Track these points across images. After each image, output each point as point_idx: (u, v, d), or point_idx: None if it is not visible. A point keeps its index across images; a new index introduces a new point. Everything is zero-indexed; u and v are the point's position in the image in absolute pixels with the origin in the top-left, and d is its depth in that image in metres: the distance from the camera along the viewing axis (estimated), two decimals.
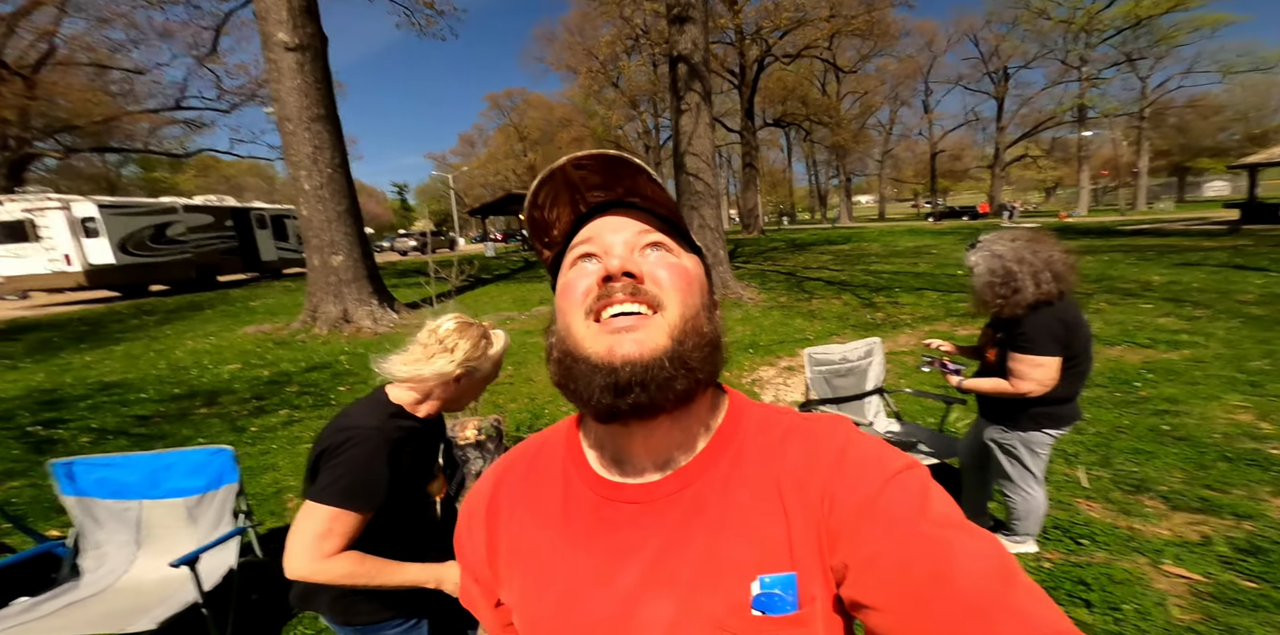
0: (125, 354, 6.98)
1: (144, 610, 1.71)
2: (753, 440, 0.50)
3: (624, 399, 0.43)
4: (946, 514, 0.42)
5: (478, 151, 57.40)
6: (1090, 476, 2.76)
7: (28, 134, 19.80)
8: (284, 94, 7.01)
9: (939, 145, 45.96)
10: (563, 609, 0.48)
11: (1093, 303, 6.82)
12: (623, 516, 0.49)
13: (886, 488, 0.43)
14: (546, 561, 0.51)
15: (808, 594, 0.43)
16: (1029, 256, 1.85)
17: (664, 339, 0.44)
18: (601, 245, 0.48)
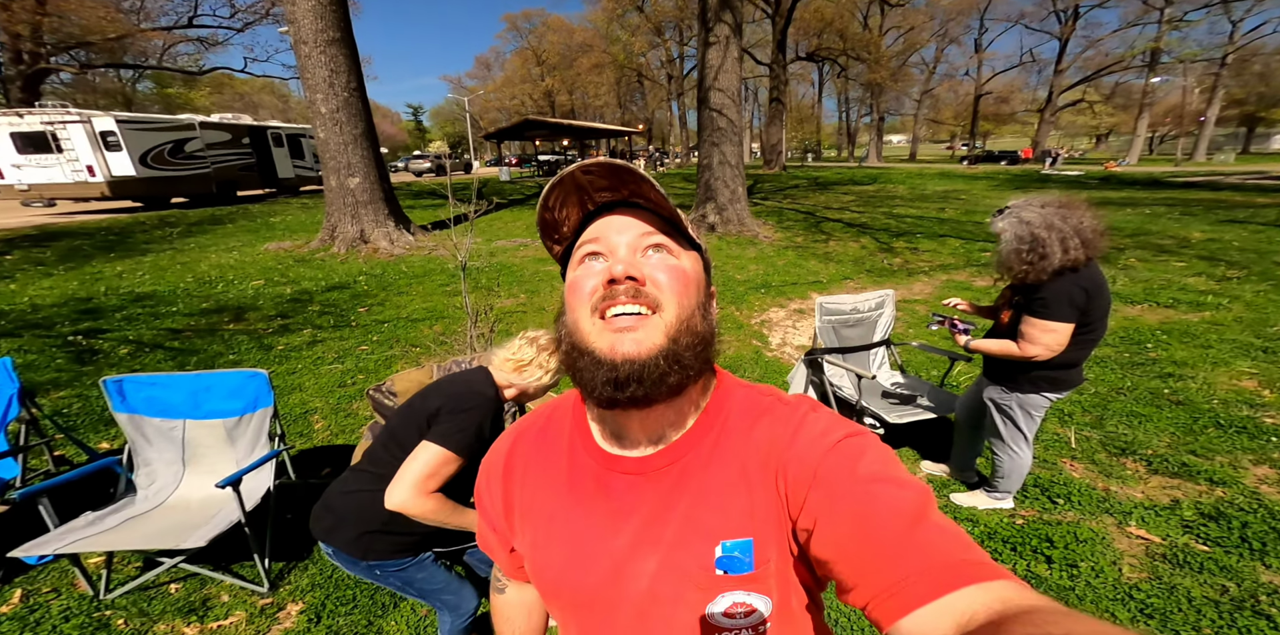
0: (153, 265, 7.10)
1: (194, 528, 1.82)
2: (734, 420, 0.55)
3: (623, 392, 0.47)
4: (875, 471, 0.46)
5: (494, 75, 54.49)
6: (1079, 437, 2.78)
7: (42, 49, 19.33)
8: (299, 16, 6.73)
9: (986, 86, 42.17)
10: (568, 561, 0.56)
11: (1123, 259, 6.54)
12: (620, 485, 0.55)
13: (826, 457, 0.48)
14: (554, 520, 0.57)
15: (763, 557, 0.50)
16: (1058, 223, 1.79)
17: (660, 338, 0.48)
18: (607, 245, 0.51)
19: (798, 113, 46.03)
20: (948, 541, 0.40)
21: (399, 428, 1.33)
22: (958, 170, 25.18)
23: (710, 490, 0.52)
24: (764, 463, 0.51)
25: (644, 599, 0.53)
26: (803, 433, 0.51)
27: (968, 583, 0.37)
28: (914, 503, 0.43)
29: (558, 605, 0.59)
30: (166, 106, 30.92)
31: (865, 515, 0.43)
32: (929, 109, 47.37)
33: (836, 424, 0.52)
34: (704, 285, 0.55)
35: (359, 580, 1.95)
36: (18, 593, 1.89)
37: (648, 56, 38.57)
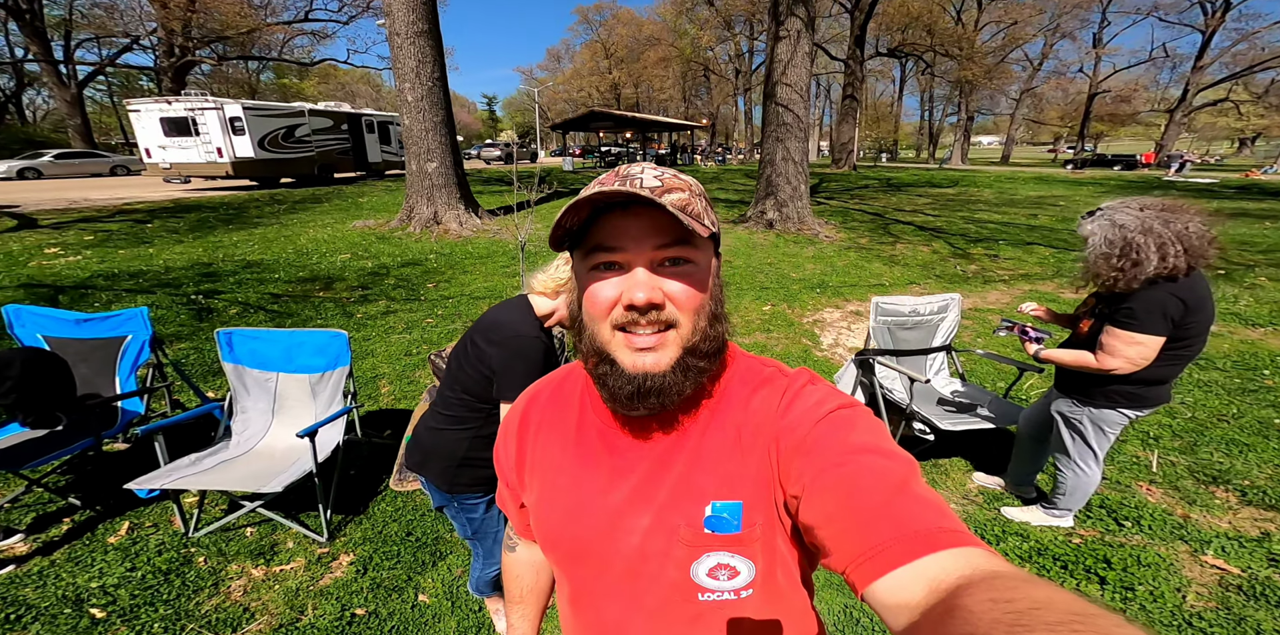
0: (262, 237, 7.70)
1: (274, 474, 1.93)
2: (734, 389, 0.56)
3: (644, 402, 0.50)
4: (864, 441, 0.47)
5: (563, 67, 54.61)
6: (1163, 462, 2.50)
7: (189, 43, 21.48)
8: (394, 8, 6.96)
9: (1103, 84, 36.99)
10: (568, 513, 0.57)
11: (1251, 276, 5.72)
12: (622, 444, 0.56)
13: (815, 427, 0.49)
14: (561, 473, 0.59)
15: (751, 520, 0.51)
16: (1158, 227, 1.57)
17: (676, 351, 0.49)
18: (624, 256, 0.49)
19: (874, 110, 42.92)
20: (926, 510, 0.40)
21: (459, 373, 1.32)
22: (1059, 174, 22.58)
23: (705, 453, 0.53)
24: (758, 430, 0.52)
25: (634, 555, 0.54)
26: (797, 403, 0.52)
27: (940, 548, 0.37)
28: (899, 473, 0.43)
29: (555, 556, 0.60)
30: (283, 95, 33.50)
31: (850, 483, 0.43)
32: (1030, 108, 41.88)
33: (830, 396, 0.52)
34: (716, 275, 0.53)
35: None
36: (125, 524, 2.09)
37: (715, 51, 37.21)
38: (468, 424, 1.32)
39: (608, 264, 0.49)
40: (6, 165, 15.96)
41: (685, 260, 0.49)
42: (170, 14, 19.95)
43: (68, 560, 1.90)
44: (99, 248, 6.58)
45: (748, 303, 5.00)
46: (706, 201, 0.52)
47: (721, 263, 0.56)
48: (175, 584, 1.80)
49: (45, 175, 16.50)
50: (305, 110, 15.42)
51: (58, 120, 27.20)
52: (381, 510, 2.20)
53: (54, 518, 2.12)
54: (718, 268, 0.54)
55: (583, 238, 0.50)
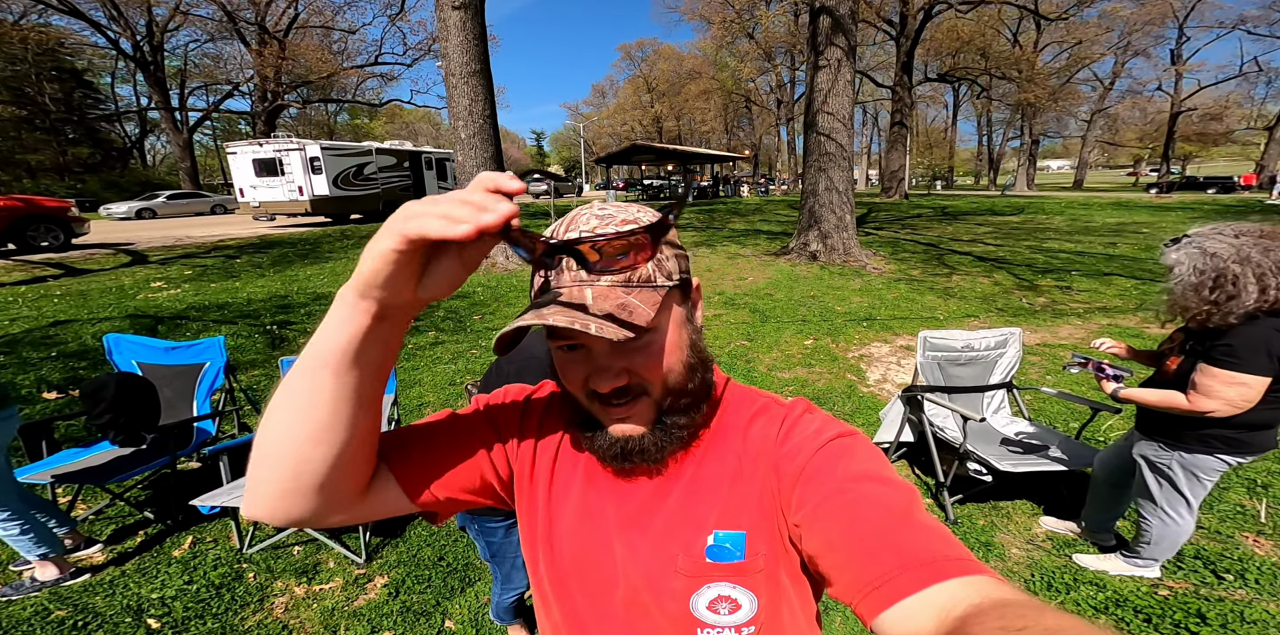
0: (331, 271, 8.36)
1: None
2: (729, 419, 0.56)
3: (626, 462, 0.52)
4: (864, 469, 0.47)
5: (608, 102, 56.90)
6: (1274, 512, 2.24)
7: (280, 88, 24.26)
8: (450, 50, 7.46)
9: (1186, 102, 34.52)
10: (571, 535, 0.56)
11: None
12: (625, 469, 0.54)
13: (815, 456, 0.49)
14: (568, 491, 0.58)
15: (754, 549, 0.50)
16: (1257, 256, 1.44)
17: (651, 414, 0.50)
18: (580, 340, 0.47)
19: (926, 137, 41.66)
20: (930, 538, 0.40)
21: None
22: (1141, 199, 21.15)
23: (702, 482, 0.53)
24: (758, 459, 0.52)
25: (629, 586, 0.52)
26: (796, 431, 0.52)
27: (948, 577, 0.37)
28: (901, 501, 0.43)
29: (551, 576, 0.57)
30: (355, 136, 36.93)
31: (852, 512, 0.43)
32: (1103, 130, 39.57)
33: (828, 424, 0.52)
34: (684, 321, 0.51)
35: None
36: (189, 539, 2.26)
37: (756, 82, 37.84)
38: None
39: (570, 346, 0.48)
40: (128, 206, 18.28)
41: (644, 330, 0.46)
42: (265, 61, 22.54)
43: (136, 571, 2.06)
44: (195, 281, 7.36)
45: (788, 336, 4.88)
46: (662, 246, 0.47)
47: (699, 298, 0.54)
48: (225, 598, 1.91)
49: (159, 215, 18.77)
50: (373, 149, 16.77)
51: (171, 163, 30.88)
52: (417, 534, 2.27)
53: (130, 530, 2.33)
54: (687, 313, 0.52)
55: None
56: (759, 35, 31.40)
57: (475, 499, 0.59)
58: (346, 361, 0.42)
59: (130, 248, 10.24)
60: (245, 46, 24.16)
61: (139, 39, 21.49)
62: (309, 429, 0.43)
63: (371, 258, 0.38)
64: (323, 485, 0.45)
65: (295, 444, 0.44)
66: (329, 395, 0.43)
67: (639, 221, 0.46)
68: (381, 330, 0.42)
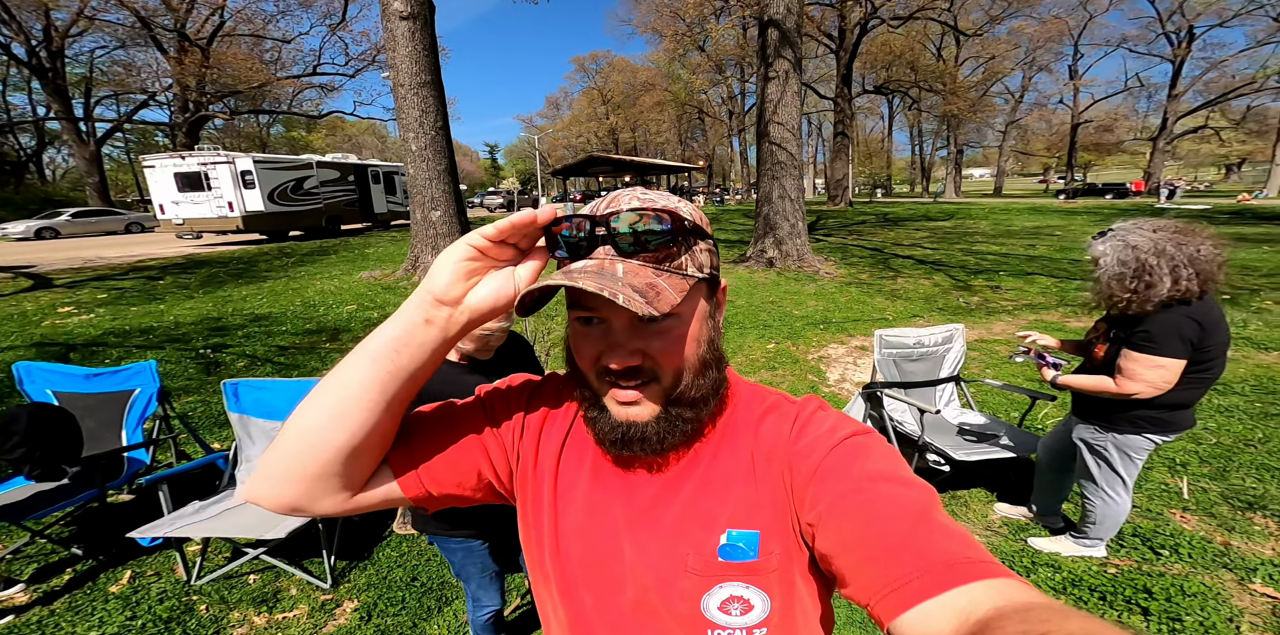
0: (270, 291, 7.95)
1: (278, 521, 1.97)
2: (740, 415, 0.56)
3: (628, 449, 0.51)
4: (880, 469, 0.46)
5: (562, 114, 57.31)
6: (1194, 489, 2.48)
7: (203, 98, 22.92)
8: (398, 61, 7.39)
9: (1084, 115, 38.79)
10: (578, 533, 0.56)
11: (1257, 300, 5.79)
12: (634, 465, 0.55)
13: (829, 455, 0.48)
14: (574, 489, 0.57)
15: (768, 548, 0.50)
16: (1171, 250, 1.61)
17: (658, 404, 0.50)
18: (601, 314, 0.48)
19: (865, 147, 44.77)
20: (951, 540, 0.40)
21: None
22: (1052, 205, 23.25)
23: (714, 479, 0.53)
24: (770, 457, 0.52)
25: (638, 586, 0.52)
26: (809, 429, 0.52)
27: (970, 580, 0.37)
28: (919, 501, 0.43)
29: (557, 575, 0.56)
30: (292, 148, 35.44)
31: (869, 513, 0.43)
32: (1016, 140, 43.70)
33: (842, 422, 0.52)
34: (707, 317, 0.52)
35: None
36: (128, 574, 2.12)
37: (708, 93, 39.34)
38: None
39: (587, 318, 0.49)
40: (25, 225, 16.72)
41: (666, 316, 0.48)
42: (185, 70, 21.06)
43: (68, 610, 1.92)
44: (112, 306, 6.84)
45: (751, 341, 5.08)
46: (697, 239, 0.50)
47: (723, 299, 0.56)
48: (176, 632, 1.81)
49: (63, 234, 17.27)
50: (313, 162, 16.14)
51: (76, 178, 28.57)
52: (386, 555, 2.21)
53: (56, 568, 2.15)
54: (711, 310, 0.53)
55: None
56: (710, 48, 32.76)
57: (471, 495, 0.59)
58: (386, 354, 0.48)
59: (31, 271, 9.42)
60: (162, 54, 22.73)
61: (34, 44, 19.85)
62: (333, 412, 0.48)
63: (438, 262, 0.49)
64: (326, 472, 0.48)
65: (317, 425, 0.48)
66: (360, 385, 0.48)
67: (678, 211, 0.48)
68: (424, 334, 0.49)
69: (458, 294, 0.48)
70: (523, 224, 0.46)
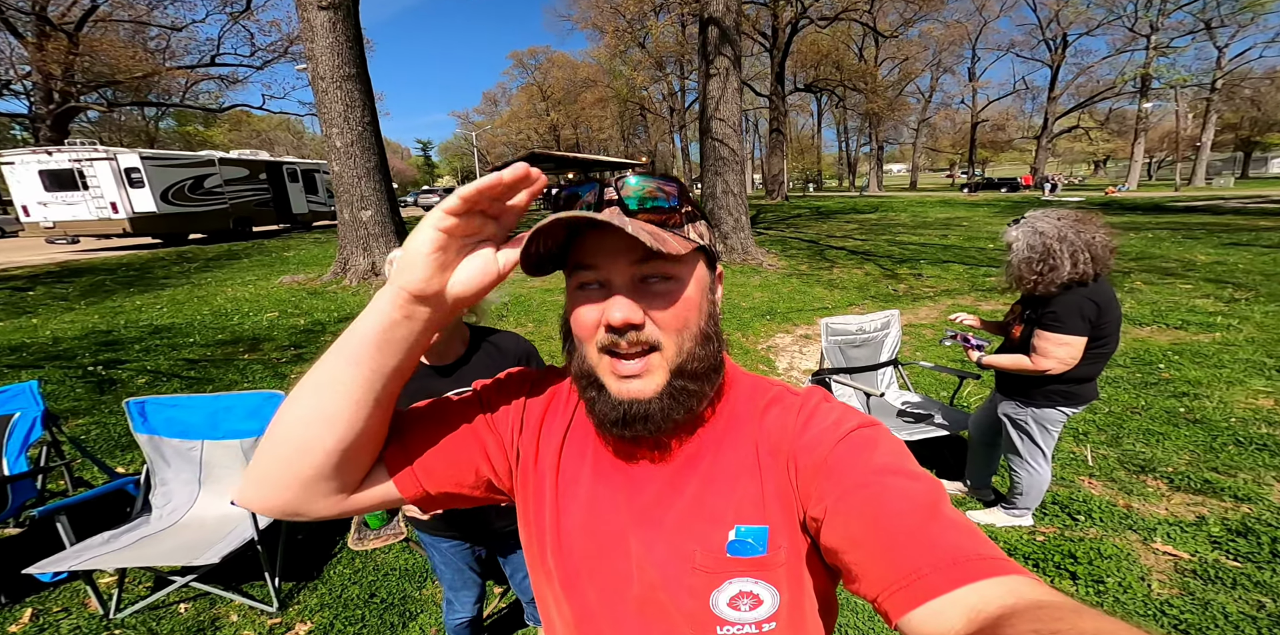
0: (171, 299, 7.27)
1: (208, 545, 1.84)
2: (743, 407, 0.55)
3: (629, 429, 0.50)
4: (887, 462, 0.46)
5: (500, 110, 56.32)
6: (1096, 455, 2.76)
7: (72, 88, 20.39)
8: (317, 53, 7.05)
9: (981, 114, 43.27)
10: (581, 530, 0.55)
11: (1129, 281, 6.59)
12: (633, 461, 0.55)
13: (836, 448, 0.48)
14: (576, 485, 0.57)
15: (776, 543, 0.50)
16: (1071, 236, 1.80)
17: (662, 377, 0.49)
18: (603, 274, 0.49)
19: (798, 143, 47.00)
20: (961, 536, 0.40)
21: None
22: (958, 198, 25.54)
23: (719, 474, 0.52)
24: (775, 450, 0.51)
25: (644, 584, 0.52)
26: (814, 422, 0.51)
27: (981, 577, 0.37)
28: (926, 496, 0.43)
29: (560, 573, 0.57)
30: (187, 144, 32.34)
31: (877, 507, 0.43)
32: (927, 138, 48.30)
33: (848, 414, 0.52)
34: (707, 289, 0.53)
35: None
36: (28, 612, 1.90)
37: (649, 90, 39.99)
38: None
39: (589, 283, 0.50)
40: None
41: (666, 277, 0.49)
42: (47, 57, 18.56)
43: None
44: None
45: None
46: (695, 211, 0.52)
47: (720, 282, 0.57)
48: None
49: None
50: (215, 159, 14.96)
51: None
52: (338, 573, 2.10)
53: None
54: (710, 283, 0.54)
55: (565, 258, 0.51)
56: (650, 45, 33.24)
57: (470, 493, 0.58)
58: (367, 352, 0.47)
59: None
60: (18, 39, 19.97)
61: None
62: (319, 414, 0.47)
63: (409, 246, 0.46)
64: (319, 475, 0.48)
65: (303, 427, 0.47)
66: (344, 384, 0.47)
67: (680, 183, 0.51)
68: (405, 327, 0.47)
69: (436, 288, 0.46)
70: (489, 188, 0.43)
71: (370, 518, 1.66)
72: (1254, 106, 36.97)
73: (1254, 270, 6.84)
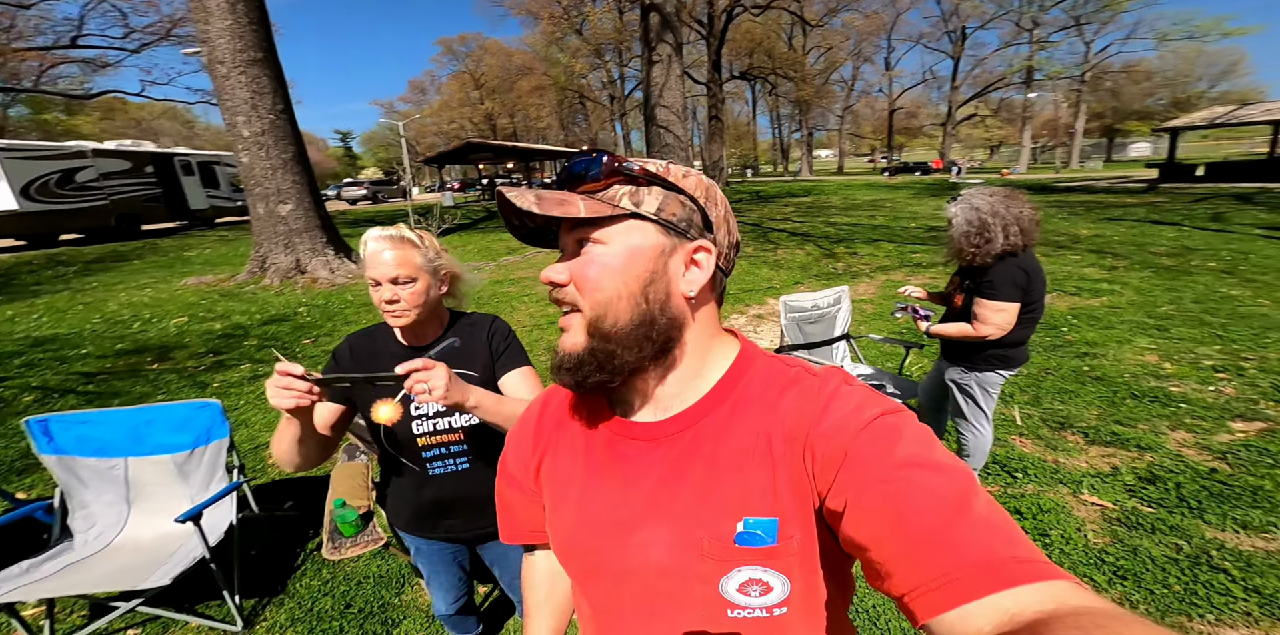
0: (50, 308, 6.40)
1: (153, 566, 1.70)
2: (755, 390, 0.53)
3: (560, 378, 0.53)
4: (911, 454, 0.44)
5: (429, 99, 53.51)
6: (1023, 415, 2.97)
7: None
8: (214, 35, 6.45)
9: (897, 102, 46.08)
10: (579, 528, 0.57)
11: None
12: (631, 451, 0.55)
13: (857, 438, 0.46)
14: (569, 486, 0.59)
15: (787, 533, 0.49)
16: (1003, 211, 1.94)
17: (582, 336, 0.51)
18: (561, 241, 0.55)
19: (735, 130, 48.06)
20: (992, 536, 0.38)
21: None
22: (881, 181, 27.09)
23: (725, 461, 0.51)
24: (790, 437, 0.49)
25: (653, 572, 0.52)
26: (834, 408, 0.49)
27: (1016, 583, 0.35)
28: (955, 490, 0.41)
29: (570, 570, 0.61)
30: (46, 134, 28.12)
31: (901, 503, 0.41)
32: (851, 124, 50.79)
33: (871, 400, 0.49)
34: (653, 257, 0.51)
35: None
36: None
37: (589, 78, 39.34)
38: None
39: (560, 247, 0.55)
40: None
41: (591, 241, 0.51)
42: None
43: None
44: None
45: None
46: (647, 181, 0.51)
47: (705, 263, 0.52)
48: None
49: None
50: (89, 150, 13.18)
51: None
52: (306, 586, 1.97)
53: None
54: (667, 258, 0.51)
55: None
56: (588, 32, 32.60)
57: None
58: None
59: None
60: None
61: None
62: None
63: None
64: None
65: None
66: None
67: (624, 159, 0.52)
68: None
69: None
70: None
71: (344, 526, 1.55)
72: (1114, 97, 41.79)
73: (1127, 242, 7.77)
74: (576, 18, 31.32)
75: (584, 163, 0.51)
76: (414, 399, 1.03)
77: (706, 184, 0.54)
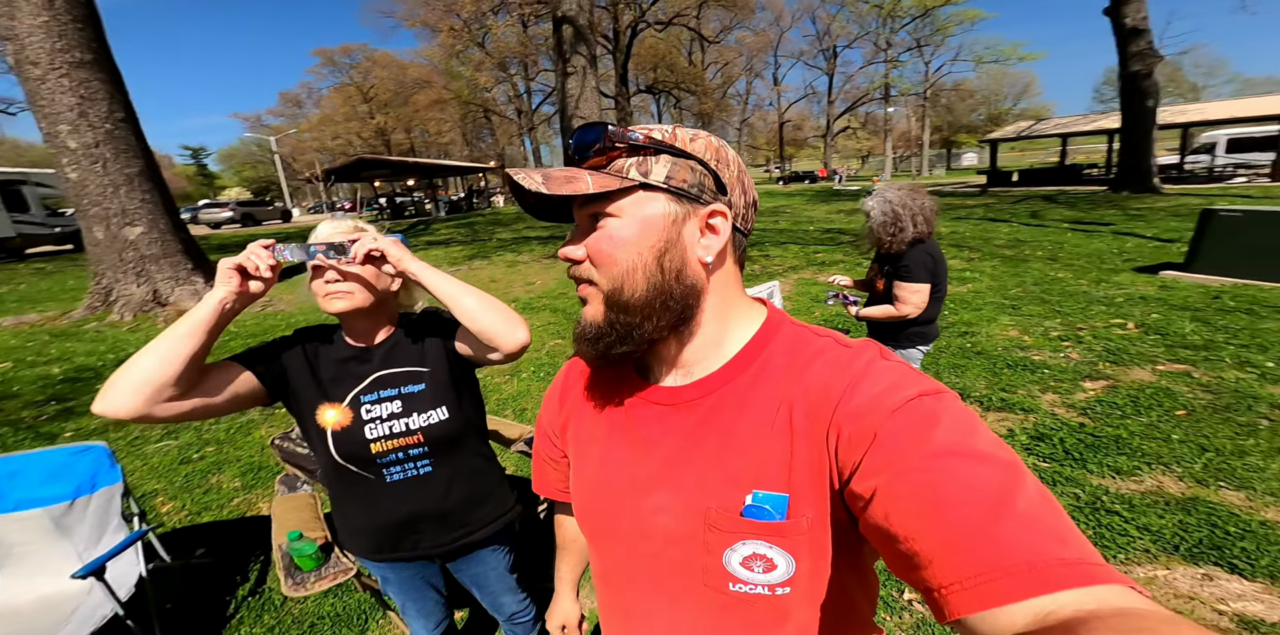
0: None
1: (53, 630, 1.48)
2: (780, 359, 0.52)
3: (587, 349, 0.53)
4: (950, 442, 0.40)
5: (306, 113, 49.37)
6: None
7: None
8: (22, 32, 5.49)
9: (785, 115, 50.51)
10: (596, 488, 0.59)
11: None
12: (651, 415, 0.56)
13: (890, 420, 0.43)
14: (591, 444, 0.61)
15: (798, 511, 0.47)
16: (910, 203, 2.20)
17: (600, 308, 0.52)
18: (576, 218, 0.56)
19: None
20: (1036, 534, 0.35)
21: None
22: (776, 189, 29.20)
23: (742, 430, 0.50)
24: (813, 411, 0.47)
25: (660, 537, 0.53)
26: (865, 385, 0.46)
27: (1060, 587, 0.32)
28: (997, 483, 0.38)
29: (586, 531, 0.63)
30: None
31: (938, 495, 0.38)
32: (747, 136, 54.94)
33: (907, 378, 0.46)
34: (666, 226, 0.50)
35: None
36: None
37: (494, 91, 38.29)
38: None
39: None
40: None
41: (604, 215, 0.50)
42: None
43: None
44: None
45: None
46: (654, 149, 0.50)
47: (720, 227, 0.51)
48: None
49: None
50: None
51: None
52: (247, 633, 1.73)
53: None
54: (680, 229, 0.50)
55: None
56: (490, 45, 31.65)
57: None
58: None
59: None
60: None
61: None
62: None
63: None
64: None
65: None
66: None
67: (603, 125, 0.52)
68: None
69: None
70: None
71: (301, 559, 1.37)
72: (949, 112, 48.78)
73: (975, 237, 9.00)
74: (478, 30, 30.56)
75: (590, 135, 0.51)
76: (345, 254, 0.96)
77: (716, 145, 0.52)
